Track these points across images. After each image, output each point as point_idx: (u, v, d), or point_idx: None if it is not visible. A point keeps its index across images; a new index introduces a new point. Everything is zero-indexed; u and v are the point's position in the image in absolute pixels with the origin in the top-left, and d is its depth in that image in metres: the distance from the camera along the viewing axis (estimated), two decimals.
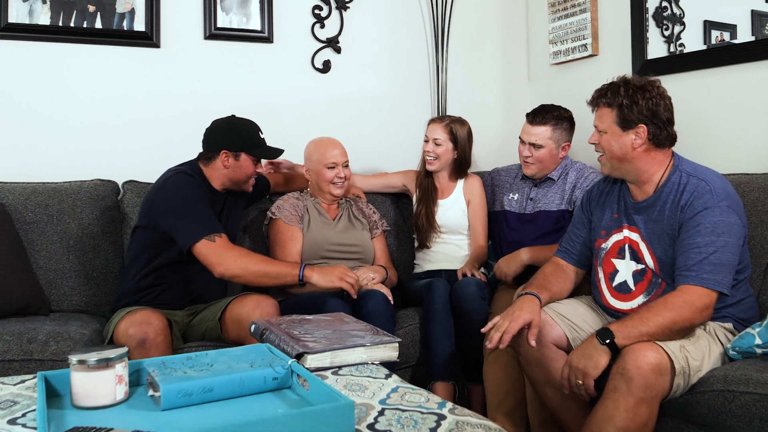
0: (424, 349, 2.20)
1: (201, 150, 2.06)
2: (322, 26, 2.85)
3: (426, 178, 2.55)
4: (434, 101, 3.10)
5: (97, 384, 1.17)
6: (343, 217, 2.41)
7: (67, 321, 1.98)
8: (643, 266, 1.78)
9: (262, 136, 2.07)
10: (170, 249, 1.90)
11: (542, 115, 2.34)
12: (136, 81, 2.59)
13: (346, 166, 2.36)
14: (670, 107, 1.76)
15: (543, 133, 2.31)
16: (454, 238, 2.54)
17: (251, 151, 2.01)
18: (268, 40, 2.75)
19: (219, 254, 1.80)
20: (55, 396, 1.24)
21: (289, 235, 2.23)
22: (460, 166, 2.52)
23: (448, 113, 3.03)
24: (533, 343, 1.69)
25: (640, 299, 1.78)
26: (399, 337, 2.08)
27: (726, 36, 2.40)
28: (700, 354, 1.59)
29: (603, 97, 1.79)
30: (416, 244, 2.62)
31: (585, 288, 2.00)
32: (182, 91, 2.65)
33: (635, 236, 1.79)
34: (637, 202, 1.81)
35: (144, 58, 2.59)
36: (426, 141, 2.50)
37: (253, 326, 1.57)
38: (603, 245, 1.89)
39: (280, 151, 2.10)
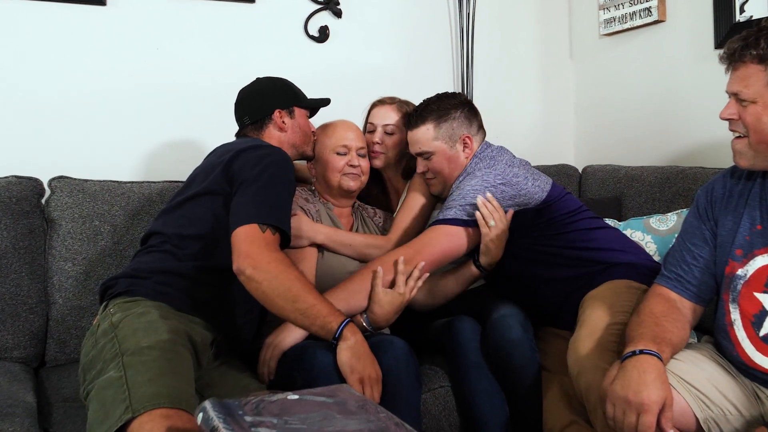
0: (465, 423, 1.57)
1: (239, 125, 1.71)
2: None
3: (374, 187, 1.95)
4: (457, 79, 2.55)
5: None
6: (358, 228, 1.85)
7: None
8: None
9: None
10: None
11: (417, 113, 1.77)
12: (72, 48, 1.99)
13: (363, 155, 1.80)
14: None
15: (424, 134, 1.74)
16: None
17: (302, 103, 1.72)
18: None
19: (256, 245, 1.34)
20: None
21: (304, 254, 1.66)
22: (409, 166, 1.90)
23: (474, 100, 2.45)
24: None
25: None
26: (426, 404, 1.51)
27: None
28: None
29: (750, 47, 1.17)
30: None
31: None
32: (135, 62, 2.07)
33: None
34: None
35: (84, 18, 2.00)
36: (371, 131, 1.90)
37: (201, 414, 0.93)
38: (739, 272, 1.27)
39: (327, 101, 1.78)
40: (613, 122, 2.57)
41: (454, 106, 1.76)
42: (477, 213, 1.61)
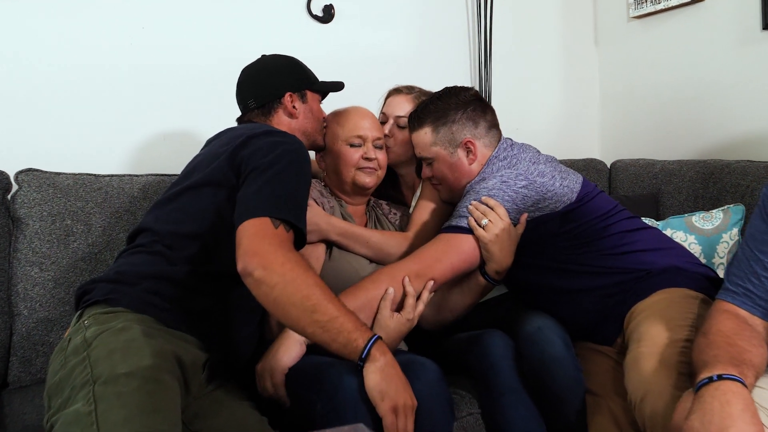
0: None
1: (242, 108, 1.51)
2: None
3: (387, 188, 1.76)
4: (473, 65, 2.34)
5: None
6: (373, 227, 1.64)
7: None
8: None
9: None
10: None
11: (415, 115, 1.57)
12: (45, 23, 1.75)
13: (380, 147, 1.60)
14: None
15: (422, 139, 1.55)
16: None
17: (315, 86, 1.53)
18: None
19: (268, 241, 1.11)
20: None
21: (309, 251, 1.44)
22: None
23: (491, 88, 2.24)
24: None
25: None
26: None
27: None
28: None
29: None
30: None
31: None
32: (117, 41, 1.84)
33: None
34: None
35: None
36: (382, 122, 1.70)
37: None
38: None
39: (341, 84, 1.59)
40: (643, 113, 2.40)
41: (454, 106, 1.54)
42: (469, 218, 1.41)
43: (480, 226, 1.40)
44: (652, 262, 1.45)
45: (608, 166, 2.29)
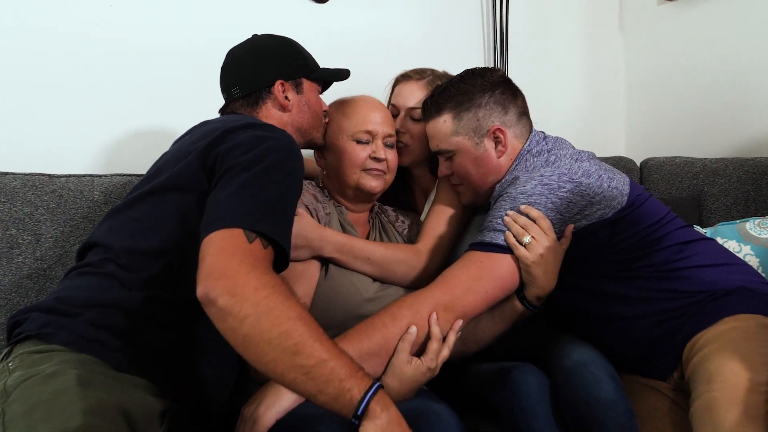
0: None
1: (226, 97, 1.31)
2: None
3: (396, 191, 1.51)
4: (487, 52, 2.15)
5: None
6: (376, 238, 1.41)
7: None
8: None
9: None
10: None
11: (432, 100, 1.35)
12: None
13: (391, 146, 1.37)
14: None
15: (441, 128, 1.33)
16: None
17: (314, 74, 1.31)
18: None
19: (238, 259, 0.89)
20: None
21: (301, 268, 1.23)
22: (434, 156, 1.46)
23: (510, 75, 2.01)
24: None
25: None
26: None
27: None
28: None
29: None
30: None
31: None
32: (81, 18, 1.59)
33: None
34: None
35: None
36: (393, 114, 1.47)
37: None
38: None
39: (346, 72, 1.38)
40: (675, 105, 2.20)
41: (480, 88, 1.32)
42: (507, 233, 1.16)
43: (521, 244, 1.15)
44: (714, 281, 1.22)
45: (638, 164, 2.06)
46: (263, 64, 1.27)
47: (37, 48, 1.52)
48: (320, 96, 1.34)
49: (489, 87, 1.31)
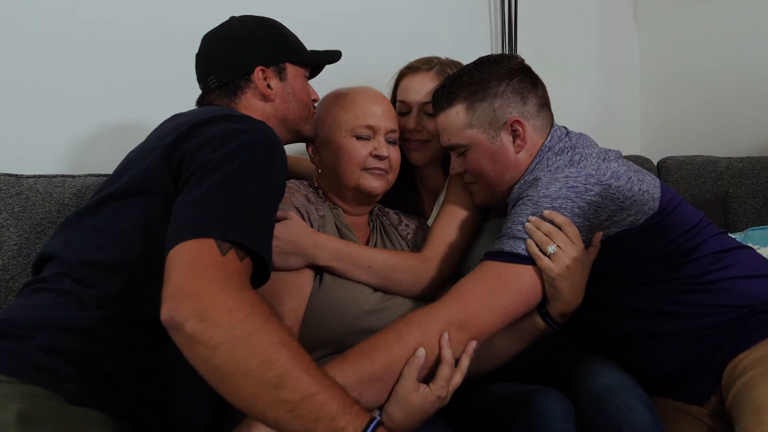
0: None
1: (202, 87, 1.21)
2: None
3: (401, 192, 1.42)
4: (495, 44, 2.07)
5: None
6: (376, 243, 1.29)
7: None
8: None
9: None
10: None
11: (443, 90, 1.24)
12: None
13: (394, 142, 1.27)
14: None
15: (453, 120, 1.22)
16: None
17: (299, 57, 1.20)
18: None
19: (209, 276, 0.77)
20: None
21: (291, 279, 1.12)
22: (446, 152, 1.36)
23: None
24: None
25: None
26: None
27: None
28: None
29: None
30: None
31: None
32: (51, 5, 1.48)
33: None
34: None
35: None
36: (403, 113, 1.37)
37: None
38: None
39: (336, 54, 1.27)
40: (693, 101, 2.13)
41: (496, 76, 1.20)
42: (528, 241, 1.04)
43: (545, 253, 1.02)
44: (755, 293, 1.10)
45: (655, 164, 1.95)
46: (241, 50, 1.17)
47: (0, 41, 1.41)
48: (308, 82, 1.22)
49: (506, 75, 1.19)
